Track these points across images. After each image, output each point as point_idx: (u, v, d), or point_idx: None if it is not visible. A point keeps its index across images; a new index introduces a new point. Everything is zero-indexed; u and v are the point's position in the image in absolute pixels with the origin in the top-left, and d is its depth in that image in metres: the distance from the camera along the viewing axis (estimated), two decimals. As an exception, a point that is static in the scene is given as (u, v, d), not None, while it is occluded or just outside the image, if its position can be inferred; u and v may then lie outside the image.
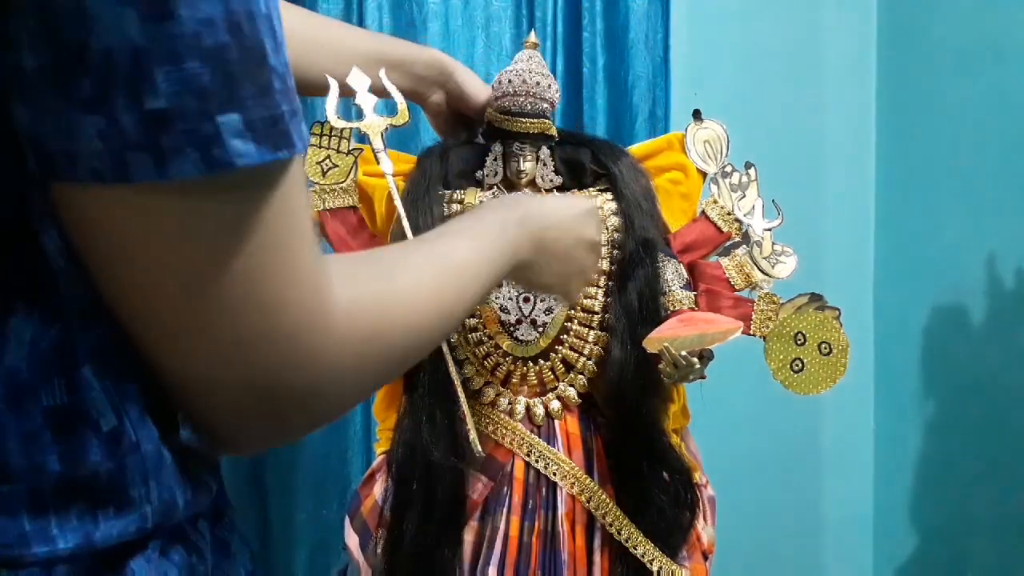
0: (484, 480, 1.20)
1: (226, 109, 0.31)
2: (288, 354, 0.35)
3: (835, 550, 2.09)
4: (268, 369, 0.35)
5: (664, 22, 1.86)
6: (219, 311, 0.34)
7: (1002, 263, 1.70)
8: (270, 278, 0.34)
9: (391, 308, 0.42)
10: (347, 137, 1.24)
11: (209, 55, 0.30)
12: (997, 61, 1.72)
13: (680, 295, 1.25)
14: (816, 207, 2.05)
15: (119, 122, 0.30)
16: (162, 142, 0.31)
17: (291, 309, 0.35)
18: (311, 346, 0.36)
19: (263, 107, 0.32)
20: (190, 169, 0.31)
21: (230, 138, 0.31)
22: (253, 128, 0.32)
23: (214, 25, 0.30)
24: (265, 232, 0.34)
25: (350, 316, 0.38)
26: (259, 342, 0.34)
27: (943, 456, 1.87)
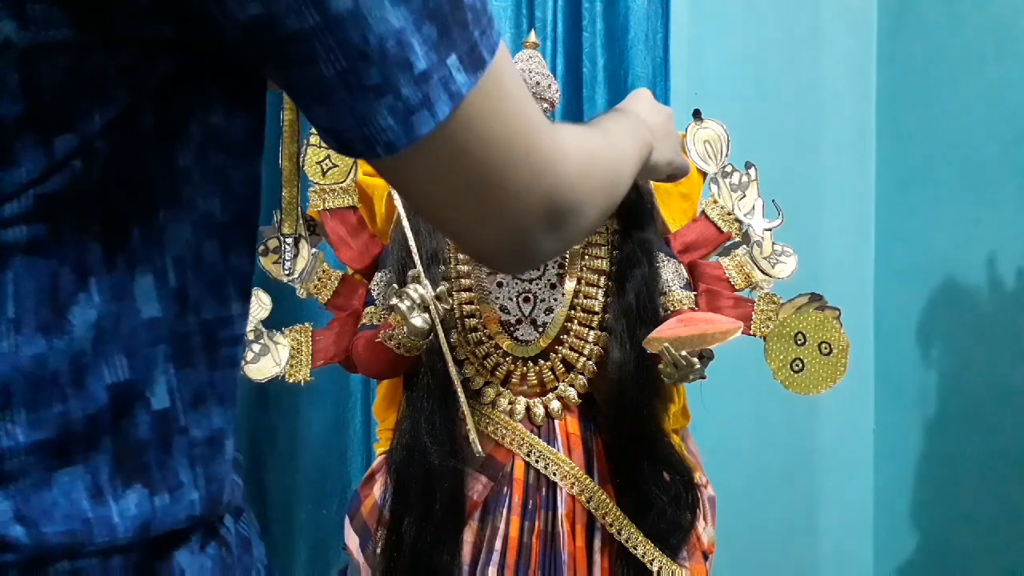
0: (484, 480, 1.20)
1: (450, 51, 0.38)
2: (552, 179, 0.45)
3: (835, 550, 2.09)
4: (542, 193, 0.44)
5: (664, 22, 1.86)
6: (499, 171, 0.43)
7: (1002, 263, 1.70)
8: (522, 134, 0.43)
9: (602, 151, 0.54)
10: (347, 137, 1.24)
11: (433, 14, 0.37)
12: (997, 60, 1.72)
13: (680, 295, 1.25)
14: (816, 207, 2.05)
15: (402, 94, 0.37)
16: (431, 95, 0.38)
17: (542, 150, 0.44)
18: (564, 170, 0.46)
19: (465, 41, 0.39)
20: (445, 107, 0.38)
21: (456, 74, 0.38)
22: (462, 61, 0.39)
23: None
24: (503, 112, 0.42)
25: (579, 150, 0.49)
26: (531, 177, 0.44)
27: (943, 456, 1.87)
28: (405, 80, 0.37)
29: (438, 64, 0.38)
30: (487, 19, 0.41)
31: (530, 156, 0.43)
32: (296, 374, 1.25)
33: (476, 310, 1.24)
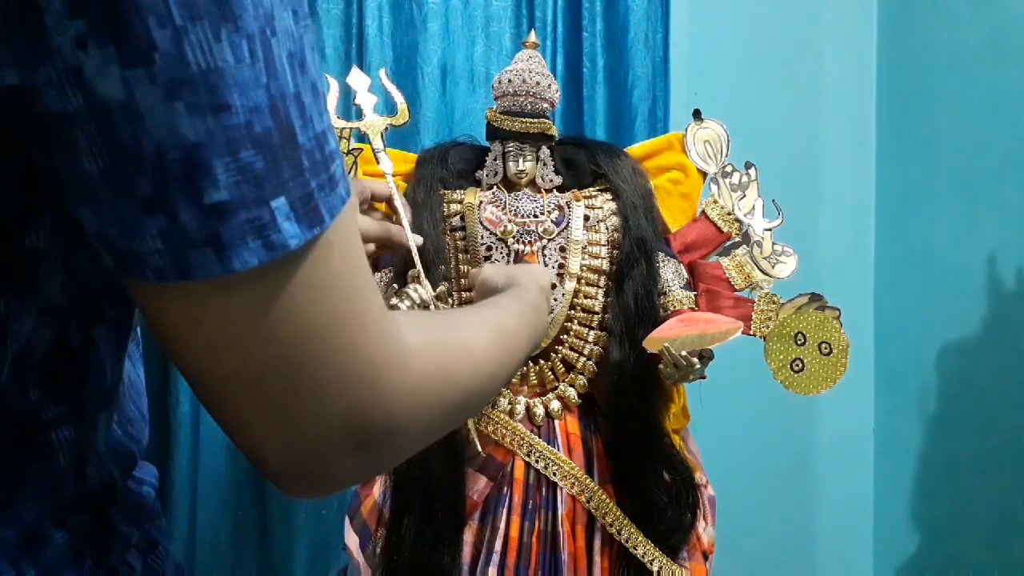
0: (484, 480, 1.20)
1: (277, 193, 0.31)
2: (369, 391, 0.36)
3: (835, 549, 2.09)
4: (351, 406, 0.36)
5: (664, 22, 1.86)
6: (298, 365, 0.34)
7: (1002, 263, 1.70)
8: (340, 326, 0.35)
9: (458, 353, 0.44)
10: (347, 137, 1.24)
11: (259, 142, 0.31)
12: (996, 61, 1.72)
13: (680, 295, 1.25)
14: (816, 207, 2.05)
15: (179, 219, 0.30)
16: (223, 235, 0.30)
17: (365, 350, 0.36)
18: (391, 383, 0.37)
19: (299, 186, 0.32)
20: (252, 258, 0.31)
21: (282, 221, 0.32)
22: (295, 208, 0.32)
23: (261, 112, 0.30)
24: (326, 291, 0.34)
25: (423, 356, 0.40)
26: (341, 383, 0.35)
27: (943, 456, 1.87)
28: (186, 205, 0.30)
29: (252, 202, 0.31)
30: (329, 175, 0.34)
31: (348, 355, 0.35)
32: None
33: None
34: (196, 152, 0.29)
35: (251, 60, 0.30)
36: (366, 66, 1.71)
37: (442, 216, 1.24)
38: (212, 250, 0.30)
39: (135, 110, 0.29)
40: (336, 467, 0.37)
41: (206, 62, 0.29)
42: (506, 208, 1.26)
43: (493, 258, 1.24)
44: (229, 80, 0.29)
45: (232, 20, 0.29)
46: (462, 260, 1.24)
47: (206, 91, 0.29)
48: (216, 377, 0.35)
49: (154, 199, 0.30)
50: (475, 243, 1.23)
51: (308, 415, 0.35)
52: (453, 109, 1.80)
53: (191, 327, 0.33)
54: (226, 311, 0.33)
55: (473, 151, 1.32)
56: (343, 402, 0.36)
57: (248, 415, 0.36)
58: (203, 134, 0.29)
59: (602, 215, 1.27)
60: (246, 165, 0.30)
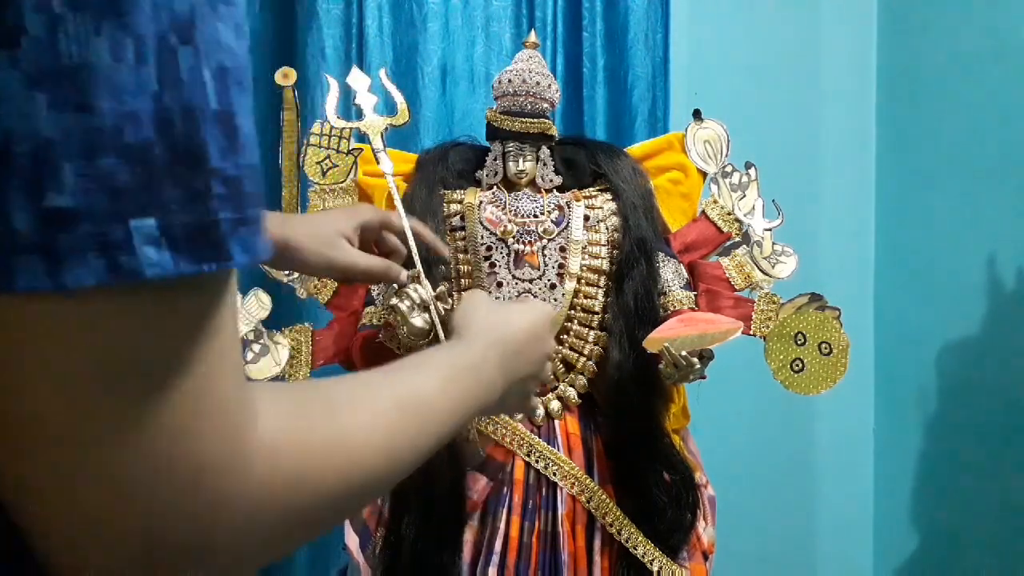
0: (484, 480, 1.20)
1: (142, 212, 0.27)
2: (188, 497, 0.29)
3: (835, 550, 2.09)
4: (155, 512, 0.29)
5: (664, 22, 1.86)
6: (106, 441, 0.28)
7: (1002, 263, 1.70)
8: (173, 405, 0.29)
9: (328, 451, 0.36)
10: (347, 137, 1.24)
11: (129, 152, 0.27)
12: (997, 61, 1.72)
13: (680, 295, 1.25)
14: (816, 207, 2.05)
15: (10, 219, 0.26)
16: (60, 244, 0.26)
17: (196, 442, 0.30)
18: (217, 489, 0.30)
19: (189, 212, 0.28)
20: (88, 277, 0.27)
21: (141, 244, 0.27)
22: (172, 235, 0.28)
23: (139, 120, 0.27)
24: (172, 352, 0.29)
25: (274, 455, 0.33)
26: (155, 479, 0.29)
27: (943, 456, 1.87)
28: (23, 205, 0.26)
29: (105, 216, 0.27)
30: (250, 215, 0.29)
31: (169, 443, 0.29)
32: (296, 374, 1.24)
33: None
34: (47, 149, 0.26)
35: (135, 62, 0.27)
36: (366, 66, 1.71)
37: (442, 216, 1.24)
38: (42, 259, 0.26)
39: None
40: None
41: (79, 56, 0.26)
42: (506, 208, 1.25)
43: (493, 258, 1.24)
44: (100, 79, 0.27)
45: (118, 16, 0.27)
46: (462, 260, 1.24)
47: (72, 87, 0.26)
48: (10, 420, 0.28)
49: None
50: (475, 243, 1.23)
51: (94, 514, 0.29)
52: (453, 109, 1.80)
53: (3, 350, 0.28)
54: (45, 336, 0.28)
55: (473, 151, 1.32)
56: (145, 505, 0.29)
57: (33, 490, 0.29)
58: (59, 131, 0.26)
59: (602, 215, 1.27)
60: (104, 174, 0.27)
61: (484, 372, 0.52)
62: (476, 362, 0.52)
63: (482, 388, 0.51)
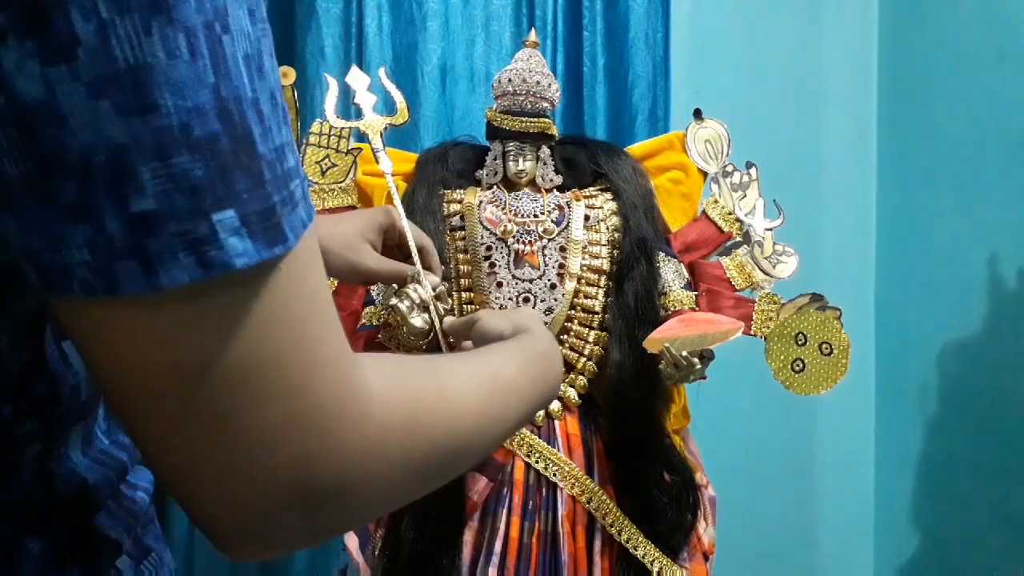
0: (484, 481, 1.20)
1: (222, 205, 0.28)
2: (317, 441, 0.32)
3: (836, 550, 2.09)
4: (296, 458, 0.32)
5: (664, 22, 1.86)
6: (234, 405, 0.31)
7: (1002, 263, 1.70)
8: (285, 367, 0.31)
9: (434, 404, 0.39)
10: (346, 136, 1.23)
11: (200, 147, 0.28)
12: (997, 61, 1.72)
13: (680, 295, 1.25)
14: (817, 207, 2.05)
15: (106, 229, 0.27)
16: (150, 247, 0.27)
17: (314, 395, 0.32)
18: (344, 434, 0.33)
19: (257, 200, 0.29)
20: (183, 276, 0.28)
21: (227, 237, 0.28)
22: (249, 224, 0.29)
23: (204, 114, 0.28)
24: (272, 324, 0.31)
25: (387, 405, 0.36)
26: (283, 430, 0.32)
27: (943, 456, 1.87)
28: (113, 213, 0.27)
29: (186, 214, 0.28)
30: (290, 192, 0.31)
31: (293, 400, 0.32)
32: (295, 374, 1.24)
33: (476, 310, 1.23)
34: (122, 155, 0.27)
35: (190, 56, 0.27)
36: (366, 65, 1.71)
37: (442, 216, 1.24)
38: (138, 263, 0.28)
39: (57, 110, 0.26)
40: (280, 528, 0.33)
41: (134, 58, 0.26)
42: (506, 208, 1.25)
43: (493, 258, 1.23)
44: (159, 78, 0.27)
45: (165, 12, 0.27)
46: (462, 260, 1.24)
47: (133, 89, 0.26)
48: (142, 413, 0.31)
49: (80, 206, 0.27)
50: (475, 243, 1.23)
51: (245, 466, 0.32)
52: (453, 108, 1.80)
53: (118, 352, 0.30)
54: (154, 335, 0.29)
55: (473, 151, 1.32)
56: (285, 454, 0.32)
57: (178, 460, 0.32)
58: (129, 136, 0.27)
59: (602, 215, 1.26)
60: (179, 172, 0.27)
61: (554, 362, 0.55)
62: (548, 351, 0.56)
63: (552, 375, 0.54)
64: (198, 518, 0.34)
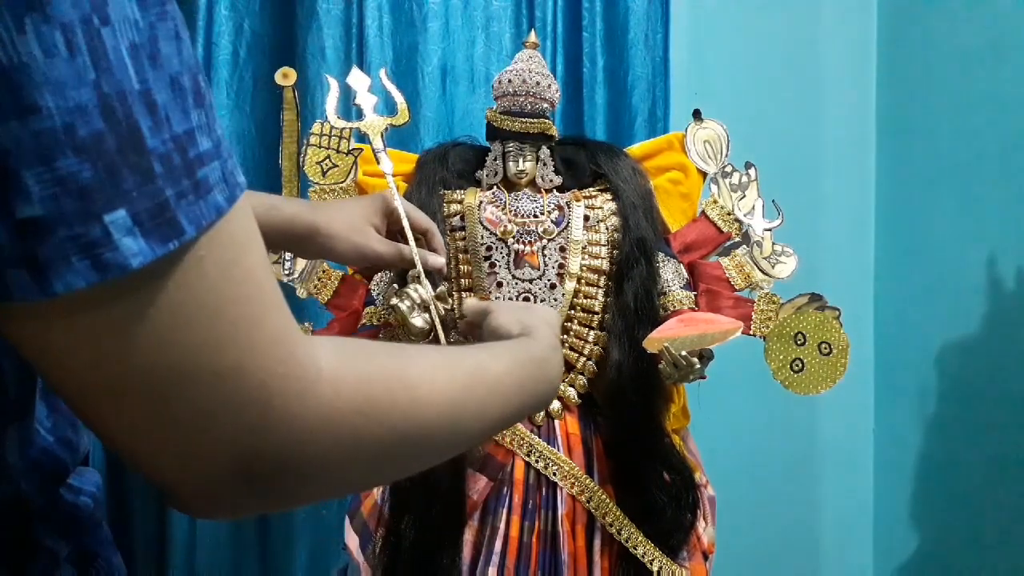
0: (484, 480, 1.20)
1: (112, 206, 0.27)
2: (258, 417, 0.32)
3: (835, 550, 2.09)
4: (237, 433, 0.32)
5: (664, 23, 1.86)
6: (167, 390, 0.31)
7: (1002, 263, 1.70)
8: (217, 348, 0.31)
9: (392, 387, 0.38)
10: (347, 137, 1.24)
11: (85, 147, 0.26)
12: (996, 61, 1.72)
13: (680, 295, 1.26)
14: (816, 207, 2.05)
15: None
16: (40, 254, 0.26)
17: (253, 374, 0.32)
18: (286, 410, 0.33)
19: (148, 196, 0.28)
20: (78, 280, 0.27)
21: (121, 237, 0.27)
22: (140, 222, 0.28)
23: (87, 113, 0.26)
24: (195, 310, 0.30)
25: (337, 382, 0.35)
26: (223, 408, 0.32)
27: (943, 456, 1.87)
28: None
29: (77, 217, 0.26)
30: (195, 181, 0.30)
31: (232, 380, 0.31)
32: (296, 374, 1.24)
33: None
34: (3, 161, 0.25)
35: (69, 53, 0.26)
36: (366, 66, 1.71)
37: (442, 217, 1.24)
38: (28, 271, 0.26)
39: None
40: (230, 497, 0.34)
41: (7, 57, 0.25)
42: (506, 208, 1.26)
43: (493, 258, 1.24)
44: (38, 77, 0.25)
45: (39, 8, 0.25)
46: (462, 260, 1.24)
47: (10, 91, 0.25)
48: (82, 405, 0.32)
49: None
50: (475, 243, 1.24)
51: (188, 443, 0.32)
52: (453, 109, 1.80)
53: (41, 353, 0.30)
54: (63, 340, 0.29)
55: (473, 151, 1.32)
56: (227, 430, 0.32)
57: (126, 441, 0.32)
58: (9, 140, 0.25)
59: (602, 215, 1.27)
60: (66, 176, 0.26)
61: (549, 369, 0.54)
62: (546, 357, 0.54)
63: (545, 382, 0.53)
64: (156, 483, 0.34)
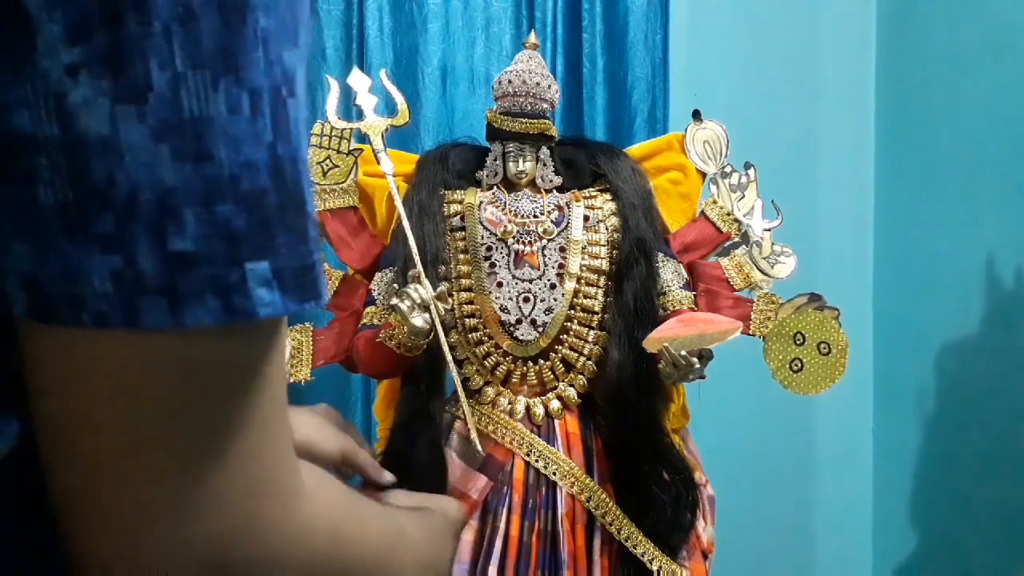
0: (484, 480, 1.20)
1: (257, 256, 0.30)
2: (245, 517, 0.32)
3: (835, 549, 2.09)
4: (226, 532, 0.32)
5: (663, 23, 1.87)
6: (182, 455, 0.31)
7: (1000, 263, 1.70)
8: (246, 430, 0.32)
9: (352, 516, 0.40)
10: (348, 137, 1.24)
11: (245, 199, 0.29)
12: (995, 61, 1.73)
13: (679, 295, 1.26)
14: (815, 207, 2.05)
15: (136, 263, 0.28)
16: (180, 286, 0.29)
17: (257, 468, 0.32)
18: (271, 516, 0.33)
19: (297, 256, 0.31)
20: (206, 316, 0.29)
21: (256, 286, 0.30)
22: (281, 276, 0.30)
23: (256, 169, 0.29)
24: (254, 381, 0.32)
25: (313, 501, 0.36)
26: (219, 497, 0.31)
27: (941, 455, 1.88)
28: (148, 248, 0.28)
29: (222, 259, 0.29)
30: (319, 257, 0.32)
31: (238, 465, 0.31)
32: (297, 374, 1.25)
33: (476, 310, 1.24)
34: (170, 197, 0.28)
35: (251, 115, 0.29)
36: (367, 67, 1.72)
37: (442, 217, 1.24)
38: (166, 300, 0.29)
39: (116, 146, 0.27)
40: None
41: (198, 109, 0.28)
42: (506, 208, 1.26)
43: (493, 258, 1.24)
44: (218, 131, 0.29)
45: (233, 72, 0.29)
46: (462, 260, 1.25)
47: (193, 138, 0.28)
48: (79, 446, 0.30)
49: (113, 238, 0.28)
50: (475, 243, 1.24)
51: (160, 523, 0.31)
52: (453, 110, 1.80)
53: (84, 373, 0.30)
54: (131, 362, 0.30)
55: (473, 151, 1.33)
56: (212, 522, 0.31)
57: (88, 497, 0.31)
58: (181, 180, 0.28)
59: (602, 215, 1.27)
60: (222, 219, 0.29)
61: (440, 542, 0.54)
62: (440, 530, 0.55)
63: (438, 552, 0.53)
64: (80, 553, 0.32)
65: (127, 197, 0.28)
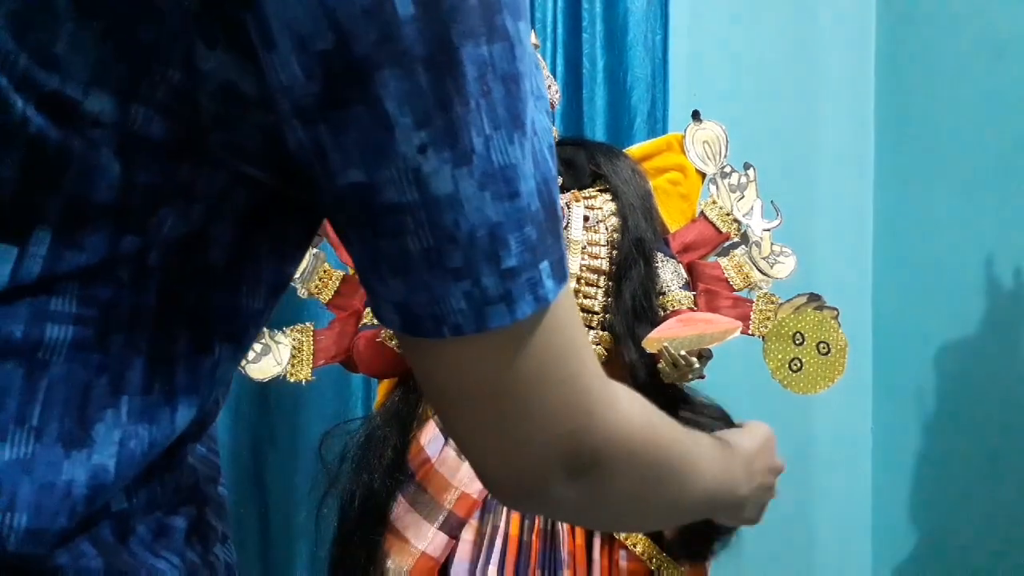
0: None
1: (543, 257, 0.39)
2: (586, 418, 0.43)
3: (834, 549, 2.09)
4: (570, 431, 0.42)
5: (663, 24, 1.87)
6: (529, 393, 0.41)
7: (999, 263, 1.71)
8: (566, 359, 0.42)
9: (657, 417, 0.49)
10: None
11: (535, 218, 0.38)
12: (995, 60, 1.73)
13: (679, 295, 1.26)
14: (815, 207, 2.05)
15: (481, 283, 0.37)
16: (513, 292, 0.38)
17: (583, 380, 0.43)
18: (603, 414, 0.44)
19: (557, 250, 0.40)
20: (529, 308, 0.39)
21: (546, 279, 0.39)
22: (554, 268, 0.40)
23: (534, 195, 0.38)
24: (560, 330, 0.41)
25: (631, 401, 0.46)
26: (564, 408, 0.42)
27: (940, 455, 1.88)
28: (488, 271, 0.38)
29: (530, 265, 0.38)
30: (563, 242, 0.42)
31: (569, 384, 0.42)
32: (297, 373, 1.25)
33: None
34: (497, 229, 0.37)
35: (531, 158, 0.38)
36: (366, 67, 1.71)
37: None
38: (505, 305, 0.38)
39: (458, 200, 0.36)
40: (550, 487, 0.44)
41: (504, 160, 0.37)
42: (506, 208, 1.26)
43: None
44: (519, 173, 0.37)
45: (521, 128, 0.37)
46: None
47: (504, 182, 0.37)
48: (458, 400, 0.42)
49: (463, 269, 0.37)
50: (475, 243, 1.24)
51: (530, 437, 0.42)
52: (453, 110, 1.80)
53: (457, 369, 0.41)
54: (492, 352, 0.40)
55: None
56: (561, 427, 0.42)
57: (480, 434, 0.43)
58: (502, 215, 0.37)
59: (601, 215, 1.27)
60: (527, 237, 0.38)
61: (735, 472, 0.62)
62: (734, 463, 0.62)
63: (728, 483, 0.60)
64: (487, 480, 0.45)
65: (468, 236, 0.37)
